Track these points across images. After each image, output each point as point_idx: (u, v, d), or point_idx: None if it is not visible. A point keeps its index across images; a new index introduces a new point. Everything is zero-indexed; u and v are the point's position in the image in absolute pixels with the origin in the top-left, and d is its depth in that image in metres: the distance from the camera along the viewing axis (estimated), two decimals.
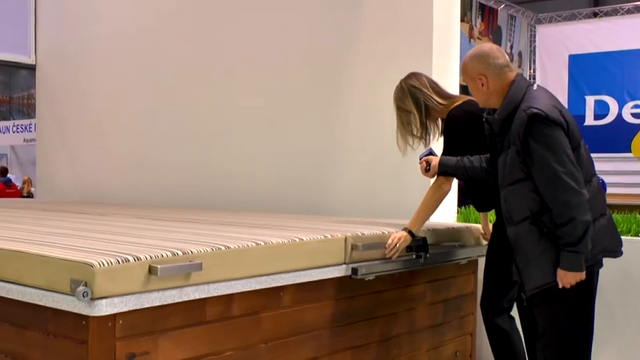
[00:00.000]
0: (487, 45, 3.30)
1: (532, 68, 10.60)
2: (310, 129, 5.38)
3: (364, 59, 5.09)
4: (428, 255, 3.83)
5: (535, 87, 3.21)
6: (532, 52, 10.63)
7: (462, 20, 8.72)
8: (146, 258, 2.60)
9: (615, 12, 10.23)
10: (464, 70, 3.29)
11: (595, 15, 10.77)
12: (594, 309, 3.25)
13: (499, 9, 10.12)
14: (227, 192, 5.77)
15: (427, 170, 3.78)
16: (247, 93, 5.77)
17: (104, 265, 2.46)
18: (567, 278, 3.04)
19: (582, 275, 3.04)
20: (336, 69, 5.23)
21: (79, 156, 7.15)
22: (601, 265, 3.26)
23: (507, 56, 3.28)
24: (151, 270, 2.58)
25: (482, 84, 3.22)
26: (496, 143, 3.30)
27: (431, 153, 3.85)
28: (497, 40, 9.90)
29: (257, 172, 5.65)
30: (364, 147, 5.08)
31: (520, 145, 3.06)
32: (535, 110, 3.02)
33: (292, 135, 5.48)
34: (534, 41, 10.60)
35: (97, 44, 6.94)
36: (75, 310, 2.45)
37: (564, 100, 9.89)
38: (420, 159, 3.85)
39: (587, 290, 3.16)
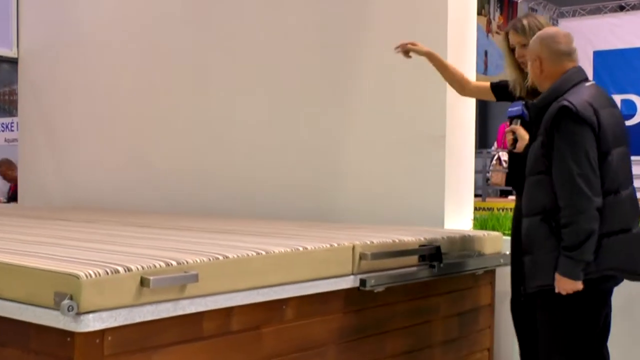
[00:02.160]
0: (554, 29, 3.37)
1: None
2: (316, 129, 5.37)
3: (374, 55, 5.08)
4: (442, 265, 3.82)
5: (588, 84, 3.24)
6: None
7: (479, 13, 8.70)
8: (137, 269, 2.58)
9: None
10: (528, 49, 3.40)
11: (621, 8, 10.75)
12: (598, 327, 3.23)
13: (518, 1, 10.11)
14: (226, 197, 5.76)
15: (513, 143, 3.50)
16: (247, 92, 5.76)
17: (91, 276, 2.43)
18: (561, 283, 3.07)
19: (577, 285, 3.05)
20: (345, 63, 5.22)
21: (65, 158, 7.11)
22: (616, 284, 3.25)
23: (573, 45, 3.31)
24: (143, 282, 2.56)
25: (537, 67, 3.29)
26: (531, 130, 3.37)
27: (522, 114, 3.53)
28: None
29: (259, 176, 5.64)
30: (374, 149, 5.06)
31: (546, 137, 3.12)
32: (566, 104, 3.07)
33: (296, 136, 5.47)
34: None
35: (87, 36, 6.88)
36: (60, 326, 2.43)
37: None
38: (509, 119, 3.57)
39: (587, 304, 3.15)
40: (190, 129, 6.12)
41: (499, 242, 4.34)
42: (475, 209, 5.27)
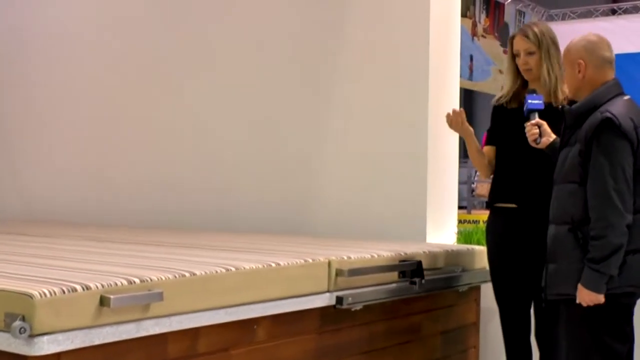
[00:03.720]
0: (597, 35, 3.43)
1: None
2: (293, 140, 5.37)
3: (353, 63, 5.09)
4: (423, 281, 3.82)
5: (626, 97, 3.36)
6: None
7: (464, 15, 8.72)
8: (97, 287, 2.55)
9: (636, 10, 10.28)
10: (565, 54, 3.43)
11: (613, 12, 10.82)
12: (626, 343, 3.30)
13: (505, 3, 10.15)
14: (197, 211, 5.73)
15: (537, 139, 3.58)
16: (220, 102, 5.73)
17: (45, 295, 2.40)
18: (582, 294, 3.19)
19: (599, 298, 3.16)
20: (323, 72, 5.23)
21: (22, 166, 7.00)
22: (634, 302, 3.35)
23: (614, 55, 3.41)
24: (103, 301, 2.54)
25: (579, 71, 3.35)
26: (564, 135, 3.43)
27: (543, 109, 3.63)
28: (504, 39, 9.90)
29: (232, 189, 5.62)
30: (352, 159, 5.06)
31: (585, 146, 3.23)
32: (609, 115, 3.19)
33: (271, 147, 5.46)
34: None
35: (47, 42, 6.81)
36: (11, 350, 2.39)
37: None
38: (528, 112, 3.63)
39: (610, 318, 3.24)
40: (159, 139, 6.07)
41: (484, 257, 4.32)
42: (460, 221, 5.28)
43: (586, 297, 3.17)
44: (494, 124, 4.02)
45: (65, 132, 6.69)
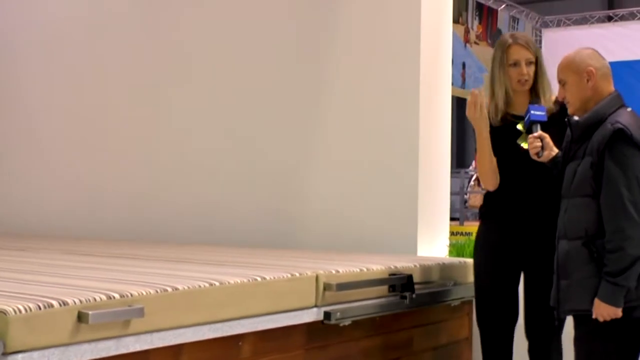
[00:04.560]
0: (592, 49, 3.49)
1: None
2: (279, 145, 5.37)
3: (342, 70, 5.10)
4: (414, 295, 3.81)
5: (629, 109, 3.40)
6: None
7: (456, 21, 8.76)
8: (75, 302, 2.54)
9: (632, 17, 10.35)
10: (568, 64, 3.44)
11: (609, 19, 10.90)
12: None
13: (499, 9, 10.20)
14: (180, 224, 5.72)
15: (539, 152, 3.57)
16: (205, 112, 5.73)
17: (20, 311, 2.38)
18: (600, 309, 3.21)
19: (617, 312, 3.19)
20: (311, 80, 5.24)
21: None
22: None
23: None
24: (81, 317, 2.52)
25: (588, 80, 3.39)
26: (569, 148, 3.47)
27: (543, 120, 3.62)
28: None
29: (217, 200, 5.62)
30: (340, 169, 5.06)
31: (597, 158, 3.27)
32: (621, 126, 3.23)
33: (257, 157, 5.46)
34: (540, 47, 10.67)
35: (28, 49, 6.81)
36: None
37: None
38: (531, 123, 3.62)
39: (626, 333, 3.27)
40: (140, 149, 6.07)
41: None
42: (452, 233, 5.29)
43: (604, 311, 3.19)
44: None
45: (41, 144, 6.67)
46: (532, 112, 3.64)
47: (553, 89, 3.85)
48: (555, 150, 3.61)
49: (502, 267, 3.84)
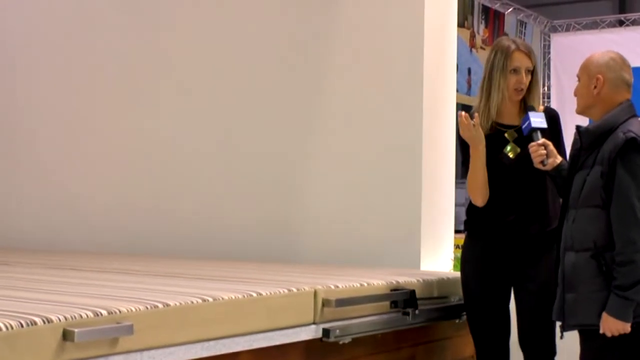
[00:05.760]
0: (620, 56, 3.52)
1: (545, 85, 10.67)
2: (277, 157, 5.36)
3: (343, 74, 5.11)
4: (417, 311, 3.81)
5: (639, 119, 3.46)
6: (546, 65, 10.73)
7: (462, 25, 8.77)
8: (59, 319, 2.52)
9: None
10: (587, 64, 3.50)
11: (621, 23, 10.91)
12: None
13: (506, 13, 10.21)
14: (169, 234, 5.71)
15: (544, 160, 3.61)
16: (197, 117, 5.72)
17: (1, 329, 2.36)
18: (608, 324, 3.23)
19: (626, 327, 3.21)
20: (310, 84, 5.24)
21: None
22: None
23: (632, 78, 3.52)
24: (66, 336, 2.50)
25: (595, 86, 3.43)
26: (578, 156, 3.48)
27: (544, 127, 3.68)
28: None
29: (211, 212, 5.61)
30: (341, 180, 5.06)
31: (607, 167, 3.30)
32: (633, 135, 3.28)
33: (253, 167, 5.45)
34: (549, 52, 10.71)
35: (14, 41, 6.75)
36: None
37: (583, 124, 9.94)
38: (531, 131, 3.65)
39: (634, 348, 3.29)
40: (129, 160, 6.04)
41: None
42: (457, 246, 5.27)
43: (612, 326, 3.21)
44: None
45: (23, 152, 6.63)
46: (532, 118, 3.67)
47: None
48: (560, 158, 3.65)
49: (491, 283, 3.86)
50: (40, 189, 6.48)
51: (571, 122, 4.10)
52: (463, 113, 3.84)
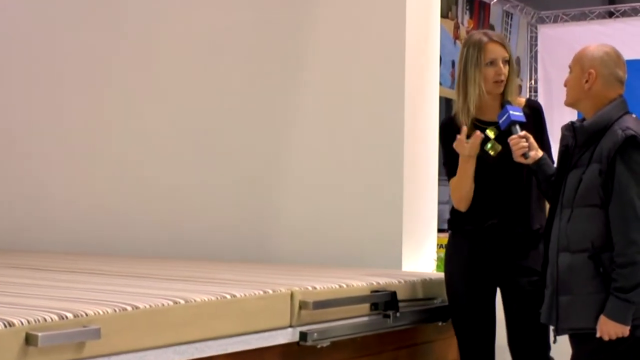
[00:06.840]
0: (616, 51, 3.53)
1: (532, 78, 10.72)
2: (252, 153, 5.36)
3: (322, 66, 5.11)
4: (398, 314, 3.82)
5: (634, 116, 3.47)
6: (533, 58, 10.77)
7: (445, 16, 8.78)
8: (22, 323, 2.51)
9: (634, 12, 10.41)
10: (580, 56, 3.51)
11: (610, 15, 10.96)
12: None
13: (491, 3, 10.24)
14: (140, 236, 5.69)
15: (525, 153, 3.61)
16: (169, 115, 5.70)
17: None
18: (607, 327, 3.23)
19: (624, 330, 3.22)
20: (287, 79, 5.24)
21: None
22: None
23: (626, 75, 3.52)
24: (29, 340, 2.50)
25: (587, 81, 3.44)
26: (570, 154, 3.48)
27: (523, 120, 3.70)
28: None
29: (186, 211, 5.60)
30: (319, 178, 5.07)
31: (606, 165, 3.30)
32: (633, 133, 3.29)
33: (229, 165, 5.44)
34: (536, 45, 10.74)
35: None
36: None
37: (573, 117, 9.98)
38: (510, 124, 3.68)
39: (630, 352, 3.31)
40: (101, 161, 5.99)
41: None
42: (440, 246, 5.28)
43: (611, 329, 3.22)
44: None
45: None
46: (510, 112, 3.70)
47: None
48: (541, 152, 3.66)
49: (476, 281, 3.89)
50: (10, 187, 6.42)
51: (559, 116, 4.13)
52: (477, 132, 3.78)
